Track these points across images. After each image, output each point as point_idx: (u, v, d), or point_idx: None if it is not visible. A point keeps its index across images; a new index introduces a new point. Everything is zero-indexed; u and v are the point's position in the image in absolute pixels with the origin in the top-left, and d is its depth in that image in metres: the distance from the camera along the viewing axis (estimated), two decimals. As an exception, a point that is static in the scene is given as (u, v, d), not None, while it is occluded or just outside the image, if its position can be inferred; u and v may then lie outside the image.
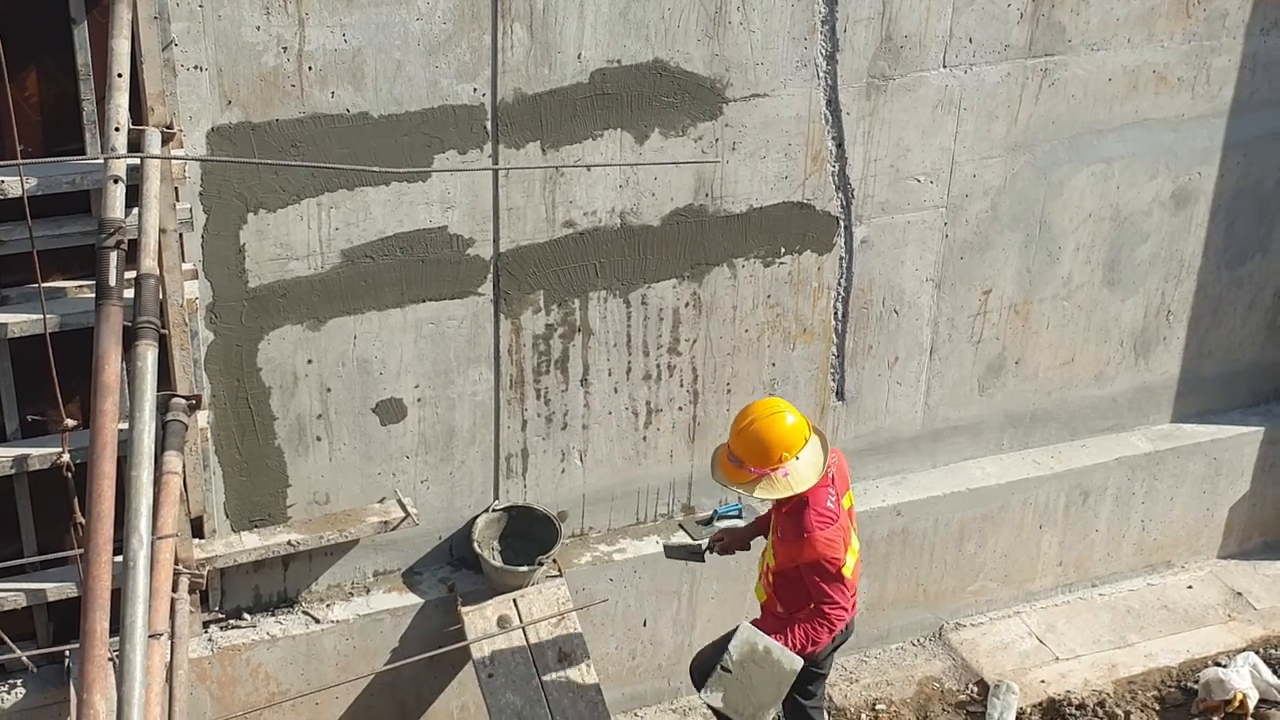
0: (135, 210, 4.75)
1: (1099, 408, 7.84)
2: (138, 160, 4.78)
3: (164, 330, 4.97)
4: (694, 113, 6.27)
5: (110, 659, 3.80)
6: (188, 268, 5.57)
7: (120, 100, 4.72)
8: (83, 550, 3.80)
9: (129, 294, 4.47)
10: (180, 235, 5.41)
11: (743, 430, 5.73)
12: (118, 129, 4.68)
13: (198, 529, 6.07)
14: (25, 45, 5.10)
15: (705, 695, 5.87)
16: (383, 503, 6.45)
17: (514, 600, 6.57)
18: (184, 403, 5.08)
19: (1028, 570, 7.88)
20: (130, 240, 4.59)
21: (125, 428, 4.13)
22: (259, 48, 5.48)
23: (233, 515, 6.20)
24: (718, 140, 6.36)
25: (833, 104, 6.51)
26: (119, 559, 3.80)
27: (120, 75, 4.74)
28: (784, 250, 6.73)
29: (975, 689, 7.43)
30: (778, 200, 6.61)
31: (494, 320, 6.33)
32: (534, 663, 6.43)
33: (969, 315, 7.26)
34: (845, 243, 6.84)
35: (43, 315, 5.16)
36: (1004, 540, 7.72)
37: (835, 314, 6.98)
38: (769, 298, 6.80)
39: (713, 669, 5.81)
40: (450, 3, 5.69)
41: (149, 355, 4.25)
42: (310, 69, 5.58)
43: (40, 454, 5.51)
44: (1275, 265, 7.86)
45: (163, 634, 4.23)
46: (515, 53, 5.87)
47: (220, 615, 6.37)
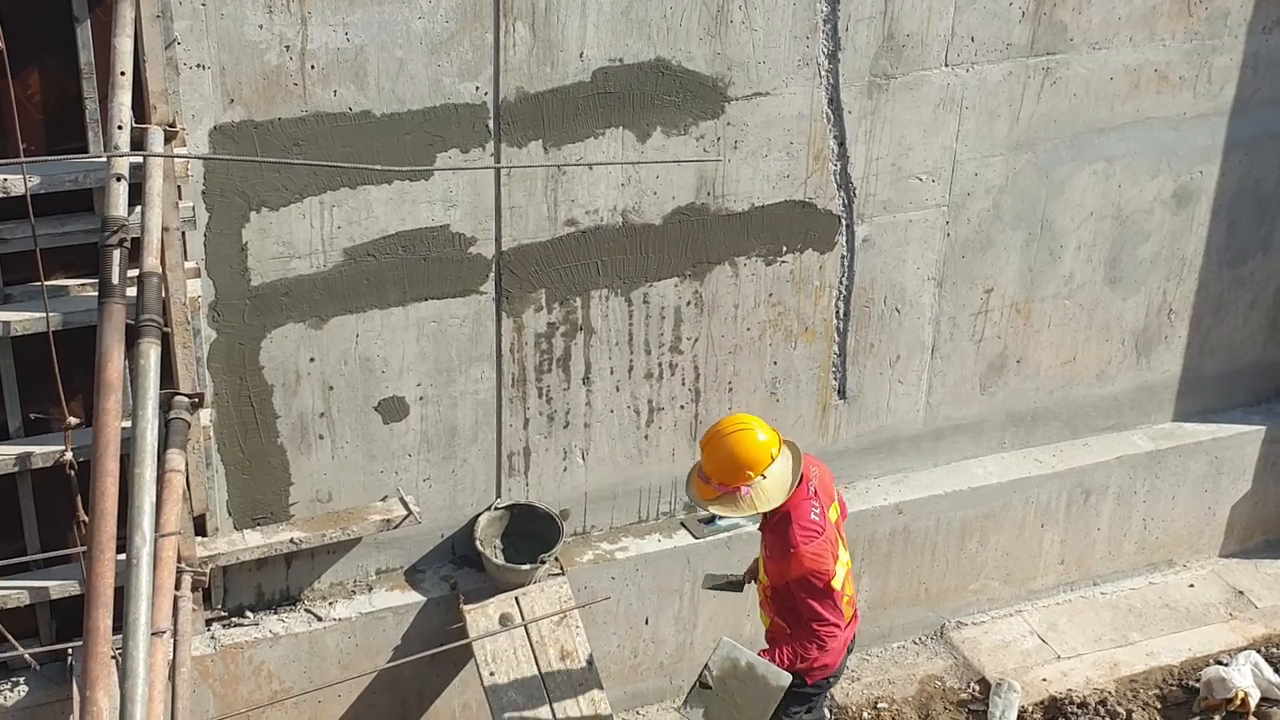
0: (138, 208, 4.75)
1: (1100, 406, 7.84)
2: (140, 158, 4.79)
3: (167, 328, 4.98)
4: (696, 111, 6.28)
5: (113, 657, 3.81)
6: (190, 266, 5.58)
7: (123, 99, 4.72)
8: (85, 548, 3.81)
9: (132, 292, 4.47)
10: (183, 234, 5.42)
11: (705, 446, 5.71)
12: (120, 127, 4.68)
13: (200, 527, 6.07)
14: (28, 44, 5.11)
15: (685, 711, 5.82)
16: (385, 501, 6.46)
17: (516, 598, 6.58)
18: (187, 401, 5.08)
19: (1029, 569, 7.88)
20: (133, 238, 4.59)
21: (128, 426, 4.14)
22: (261, 46, 5.48)
23: (235, 513, 6.21)
24: (719, 139, 6.37)
25: (834, 103, 6.52)
26: (122, 557, 3.81)
27: (123, 74, 4.75)
28: (786, 249, 6.74)
29: (977, 687, 7.44)
30: (779, 199, 6.61)
31: (496, 319, 6.34)
32: (536, 661, 6.43)
33: (971, 314, 7.26)
34: (847, 241, 6.84)
35: (45, 313, 5.16)
36: (1006, 539, 7.73)
37: (837, 312, 6.98)
38: (771, 296, 6.80)
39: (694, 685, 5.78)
40: (452, 1, 5.69)
41: (152, 353, 4.25)
42: (313, 68, 5.59)
43: (43, 452, 5.52)
44: (1276, 264, 7.86)
45: (165, 632, 4.23)
46: (517, 51, 5.88)
47: (223, 613, 6.37)
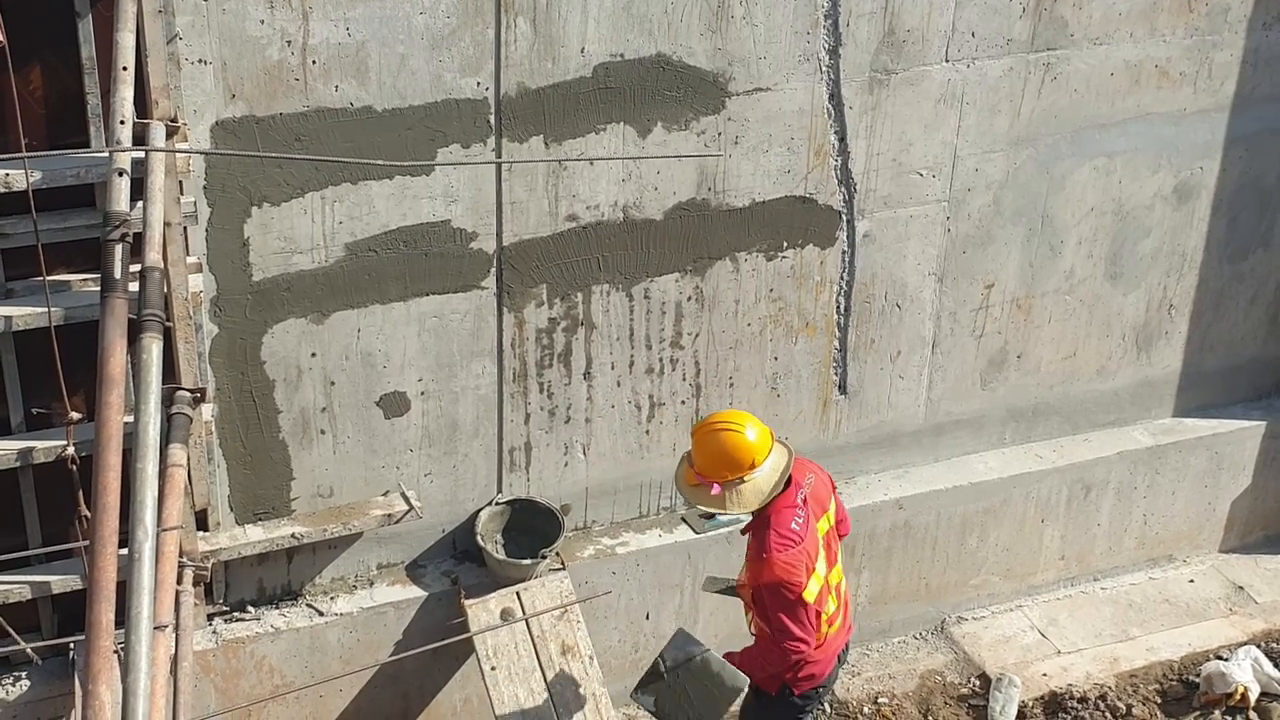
0: (140, 204, 4.75)
1: (1101, 402, 7.85)
2: (142, 154, 4.79)
3: (169, 323, 4.98)
4: (697, 107, 6.28)
5: (115, 651, 3.81)
6: (192, 261, 5.59)
7: (125, 94, 4.73)
8: (88, 542, 3.82)
9: (134, 287, 4.48)
10: (185, 229, 5.42)
11: (694, 436, 5.67)
12: (122, 122, 4.68)
13: (202, 522, 6.08)
14: (29, 38, 5.11)
15: (637, 697, 5.79)
16: (386, 496, 6.46)
17: (517, 593, 6.58)
18: (189, 396, 5.08)
19: (1030, 564, 7.89)
20: (135, 234, 4.60)
21: (130, 420, 4.15)
22: (263, 41, 5.49)
23: (237, 508, 6.22)
24: (720, 134, 6.37)
25: (835, 98, 6.52)
26: (123, 551, 3.82)
27: (125, 69, 4.75)
28: (786, 244, 6.74)
29: (977, 682, 7.45)
30: (780, 194, 6.62)
31: (497, 314, 6.34)
32: (537, 655, 6.44)
33: (971, 309, 7.27)
34: (848, 237, 6.84)
35: (48, 308, 5.17)
36: (1006, 534, 7.73)
37: (838, 308, 6.99)
38: (771, 291, 6.81)
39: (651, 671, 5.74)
40: (454, -3, 5.70)
41: (154, 348, 4.26)
42: (314, 63, 5.59)
43: (45, 447, 5.53)
44: (1277, 260, 7.86)
45: (167, 626, 4.24)
46: (518, 47, 5.88)
47: (224, 608, 6.38)
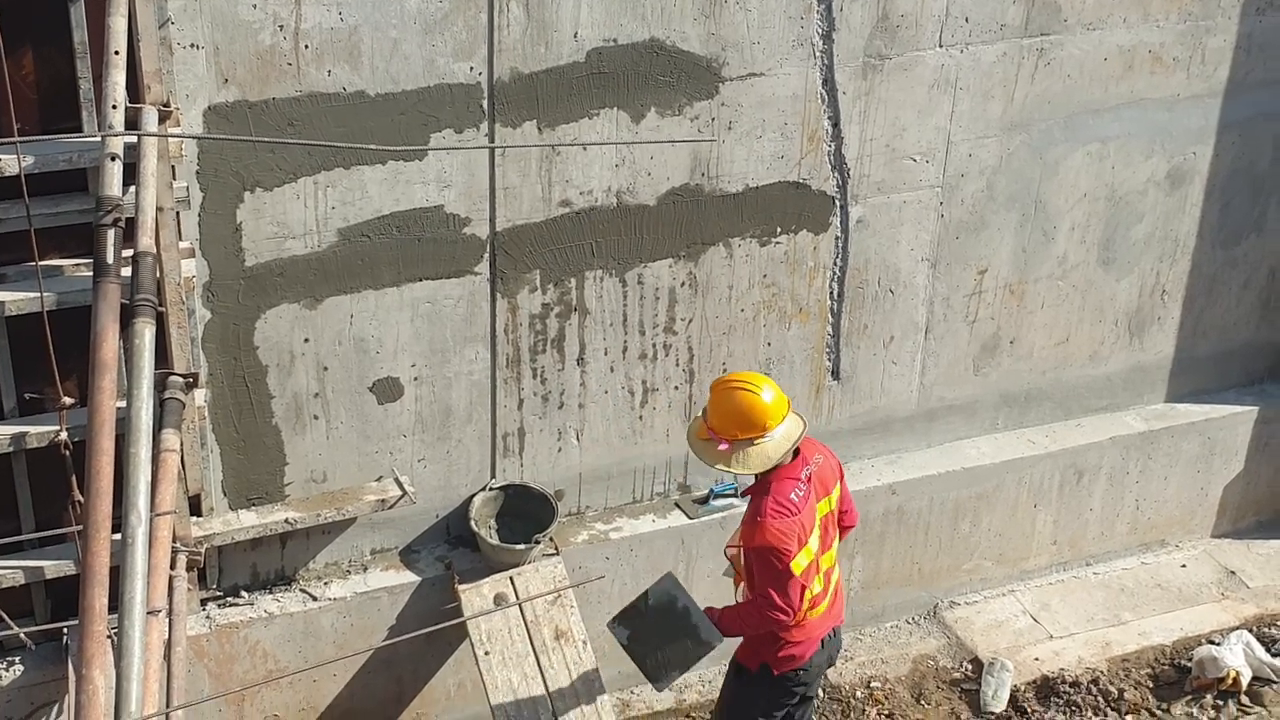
0: (132, 188, 4.75)
1: (1094, 387, 7.86)
2: (135, 138, 4.78)
3: (161, 308, 4.99)
4: (690, 92, 6.28)
5: (109, 636, 3.82)
6: (185, 246, 5.58)
7: (117, 78, 4.72)
8: (81, 527, 3.82)
9: (126, 272, 4.48)
10: (177, 213, 5.41)
11: (713, 390, 5.70)
12: (115, 107, 4.67)
13: (195, 507, 6.08)
14: (21, 23, 5.09)
15: (612, 627, 5.83)
16: (380, 481, 6.47)
17: (511, 579, 6.59)
18: (181, 381, 5.08)
19: (1022, 549, 7.91)
20: (127, 218, 4.60)
21: (123, 406, 4.15)
22: (255, 26, 5.47)
23: (230, 493, 6.22)
24: (714, 119, 6.37)
25: (829, 83, 6.52)
26: (117, 536, 3.82)
27: (117, 53, 4.74)
28: (780, 230, 6.74)
29: (969, 667, 7.47)
30: (774, 180, 6.61)
31: (490, 300, 6.34)
32: (530, 640, 6.45)
33: (964, 295, 7.27)
34: (841, 222, 6.85)
35: (40, 293, 5.16)
36: (998, 519, 7.75)
37: (831, 293, 6.99)
38: (765, 277, 6.81)
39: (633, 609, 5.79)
40: (446, -19, 5.69)
41: (146, 333, 4.26)
42: (307, 47, 5.58)
43: (38, 432, 5.52)
44: (1269, 245, 7.87)
45: (161, 611, 4.25)
46: (512, 31, 5.87)
47: (218, 593, 6.39)
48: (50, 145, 5.16)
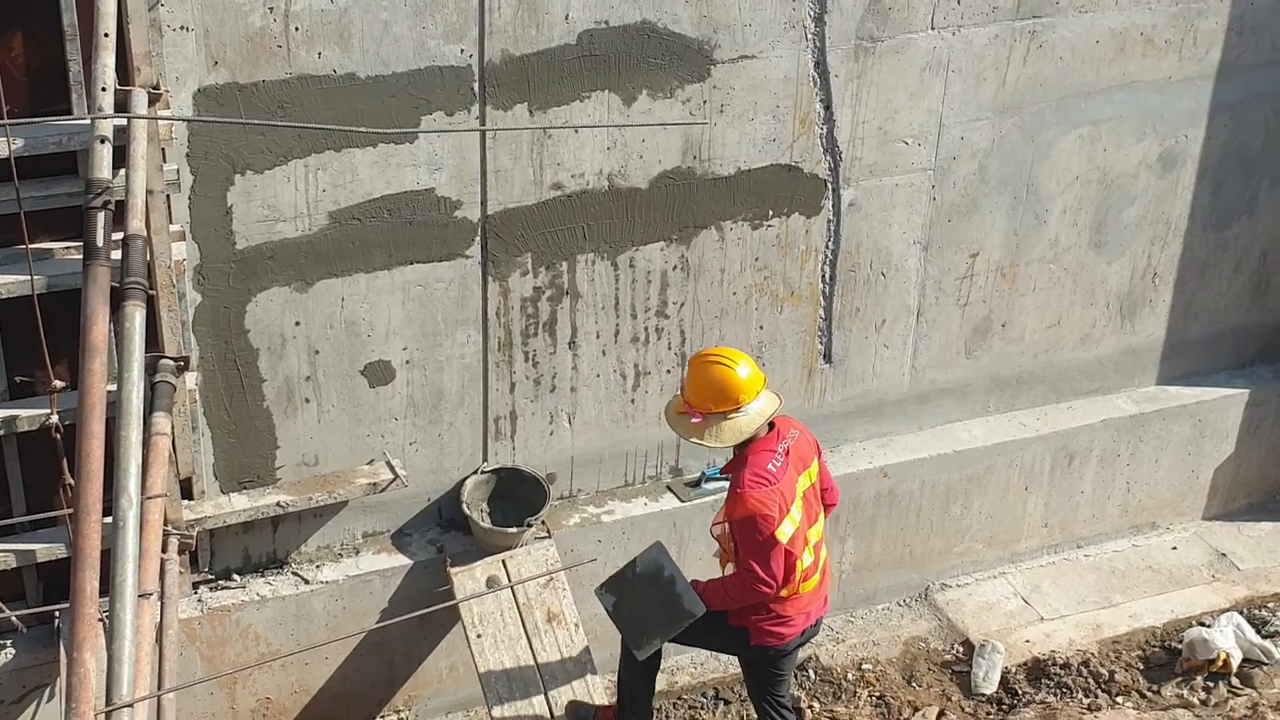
0: (122, 171, 4.74)
1: (1085, 370, 7.87)
2: (124, 121, 4.77)
3: (152, 291, 4.97)
4: (682, 74, 6.27)
5: (100, 619, 3.82)
6: (175, 229, 5.57)
7: (107, 60, 4.71)
8: (72, 511, 3.82)
9: (116, 255, 4.47)
10: (167, 196, 5.40)
11: (690, 365, 5.76)
12: (104, 89, 4.66)
13: (187, 490, 6.08)
14: (11, 5, 5.07)
15: (600, 593, 5.90)
16: (371, 464, 6.47)
17: (503, 562, 6.60)
18: (172, 364, 5.08)
19: (1013, 531, 7.93)
20: (117, 201, 4.59)
21: (114, 389, 4.15)
22: (245, 8, 5.46)
23: (221, 477, 6.22)
24: (705, 102, 6.36)
25: (821, 66, 6.51)
26: (108, 520, 3.82)
27: (106, 35, 4.73)
28: (772, 213, 6.74)
29: (961, 649, 7.49)
30: (765, 163, 6.61)
31: (482, 283, 6.33)
32: (523, 623, 6.46)
33: (956, 278, 7.28)
34: (833, 205, 6.84)
35: (30, 276, 5.15)
36: (990, 502, 7.76)
37: (823, 277, 6.99)
38: (757, 260, 6.80)
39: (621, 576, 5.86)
40: (437, -37, 5.67)
41: (137, 316, 4.26)
42: (297, 29, 5.56)
43: (29, 415, 5.52)
44: (1261, 227, 7.88)
45: (152, 594, 4.25)
46: (503, 13, 5.86)
47: (210, 576, 6.39)
48: (40, 128, 5.14)
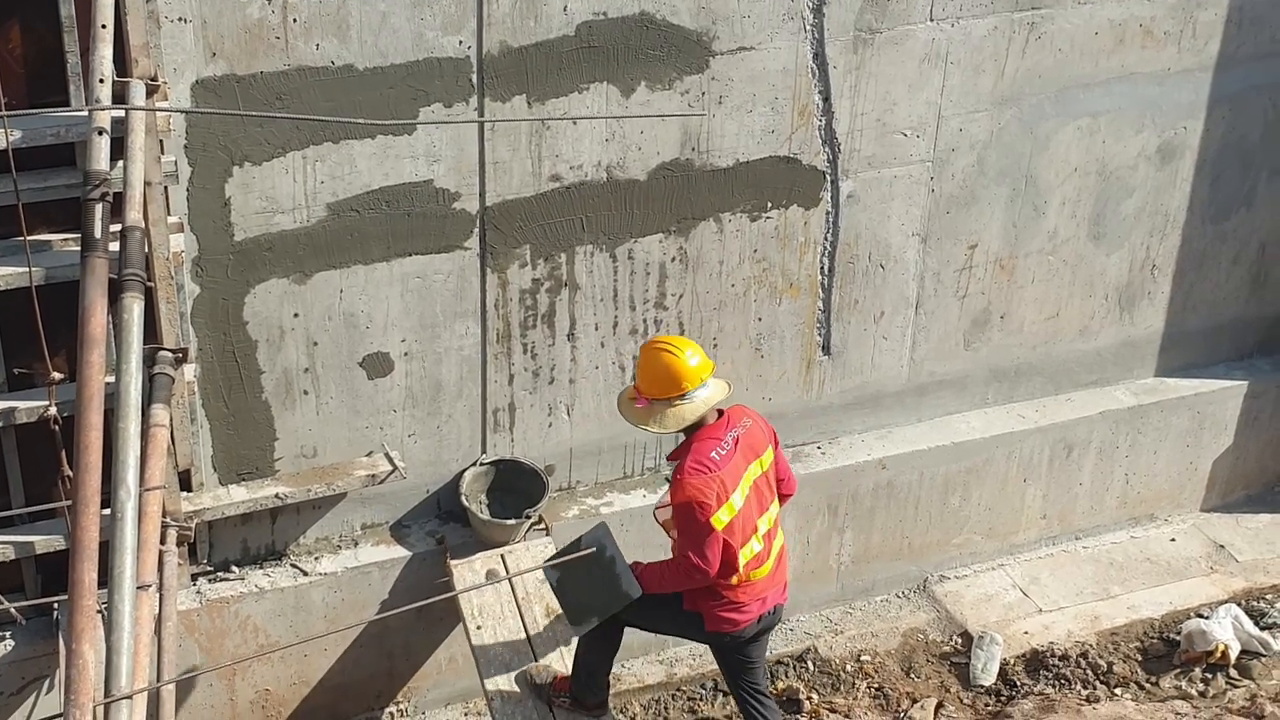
0: (120, 163, 4.73)
1: (1084, 362, 7.87)
2: (122, 112, 4.77)
3: (150, 283, 4.96)
4: (680, 66, 6.26)
5: (99, 611, 3.82)
6: (173, 221, 5.57)
7: (104, 52, 4.70)
8: (70, 502, 3.82)
9: (114, 247, 4.47)
10: (165, 188, 5.40)
11: (640, 351, 5.79)
12: (102, 81, 4.66)
13: (185, 482, 6.08)
14: (8, -3, 5.08)
15: (546, 568, 5.99)
16: (370, 456, 6.47)
17: (502, 555, 6.60)
18: (170, 356, 5.07)
19: (1012, 523, 7.93)
20: (115, 193, 4.58)
21: (112, 381, 4.14)
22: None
23: (220, 468, 6.22)
24: (704, 94, 6.35)
25: (819, 57, 6.50)
26: (107, 511, 3.82)
27: (104, 27, 4.72)
28: (770, 205, 6.73)
29: (959, 640, 7.49)
30: (764, 154, 6.60)
31: (480, 275, 6.33)
32: (521, 616, 6.46)
33: (955, 270, 7.27)
34: (832, 197, 6.84)
35: (28, 268, 5.15)
36: (988, 493, 7.77)
37: (822, 269, 6.99)
38: (755, 252, 6.80)
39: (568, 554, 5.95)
40: (435, -46, 5.67)
41: (135, 308, 4.25)
42: (295, 21, 5.56)
43: (27, 407, 5.52)
44: (1260, 219, 7.88)
45: (151, 586, 4.24)
46: (501, 4, 5.85)
47: (208, 568, 6.39)
48: (37, 119, 5.14)
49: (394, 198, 6.02)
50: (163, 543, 5.30)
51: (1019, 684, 7.25)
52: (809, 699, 7.09)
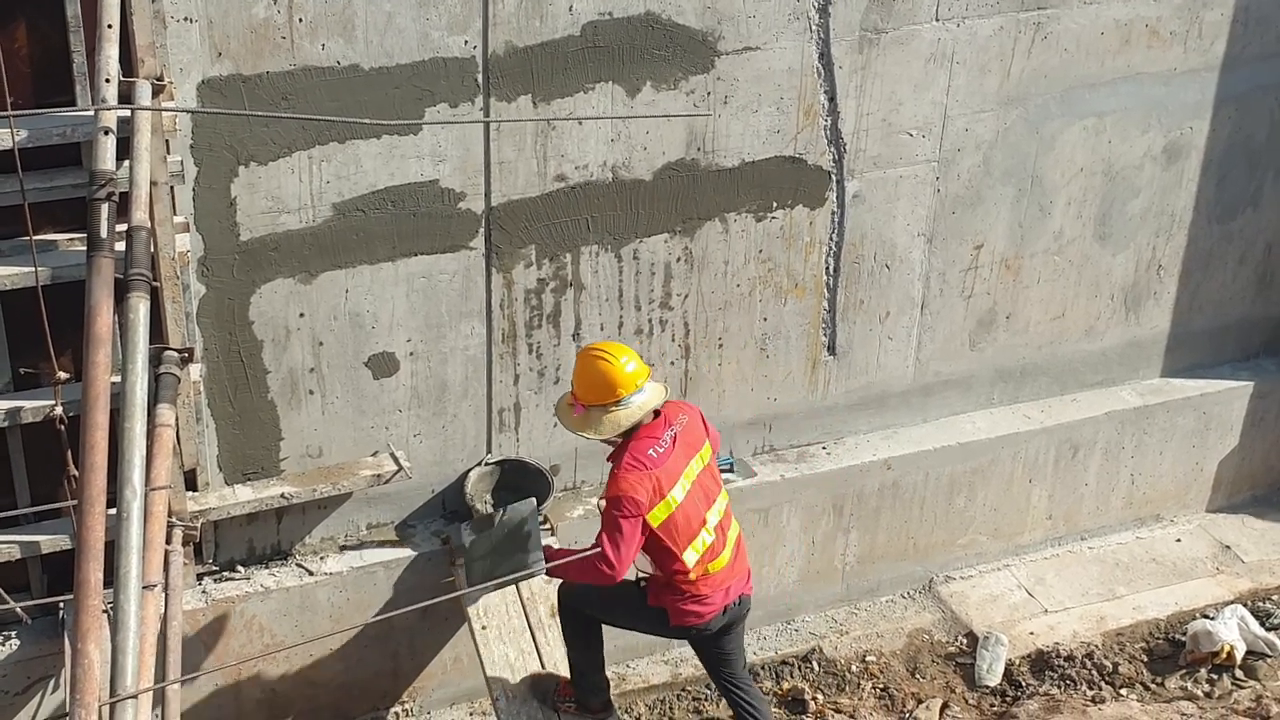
0: (126, 163, 4.73)
1: (1089, 362, 7.86)
2: (128, 112, 4.77)
3: (155, 283, 4.97)
4: (686, 66, 6.26)
5: (104, 610, 3.82)
6: (179, 220, 5.56)
7: (110, 52, 4.70)
8: (76, 502, 3.82)
9: (121, 247, 4.47)
10: (171, 188, 5.39)
11: (577, 359, 5.82)
12: (108, 81, 4.66)
13: (191, 482, 6.09)
14: (14, -3, 5.08)
15: (462, 527, 6.23)
16: (375, 456, 6.47)
17: (506, 553, 6.60)
18: (176, 355, 5.08)
19: (1017, 523, 7.92)
20: (121, 193, 4.59)
21: (118, 380, 4.14)
22: (249, -1, 5.46)
23: (226, 468, 6.22)
24: (709, 94, 6.35)
25: (825, 57, 6.50)
26: (112, 511, 3.82)
27: (110, 26, 4.72)
28: (776, 205, 6.73)
29: (964, 641, 7.49)
30: (770, 154, 6.60)
31: (486, 274, 6.33)
32: (527, 616, 6.46)
33: (960, 270, 7.27)
34: (837, 197, 6.84)
35: (34, 268, 5.15)
36: (994, 494, 7.76)
37: (827, 269, 6.98)
38: (761, 252, 6.80)
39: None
40: (441, -46, 5.67)
41: (141, 307, 4.26)
42: (300, 21, 5.56)
43: (33, 406, 5.52)
44: (1266, 219, 7.87)
45: (156, 585, 4.25)
46: (506, 4, 5.85)
47: (214, 567, 6.40)
48: (44, 119, 5.14)
49: (399, 197, 6.02)
50: (168, 542, 5.30)
51: (1024, 684, 7.24)
52: (814, 699, 7.09)
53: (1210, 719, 7.02)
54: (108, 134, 4.52)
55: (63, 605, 5.91)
